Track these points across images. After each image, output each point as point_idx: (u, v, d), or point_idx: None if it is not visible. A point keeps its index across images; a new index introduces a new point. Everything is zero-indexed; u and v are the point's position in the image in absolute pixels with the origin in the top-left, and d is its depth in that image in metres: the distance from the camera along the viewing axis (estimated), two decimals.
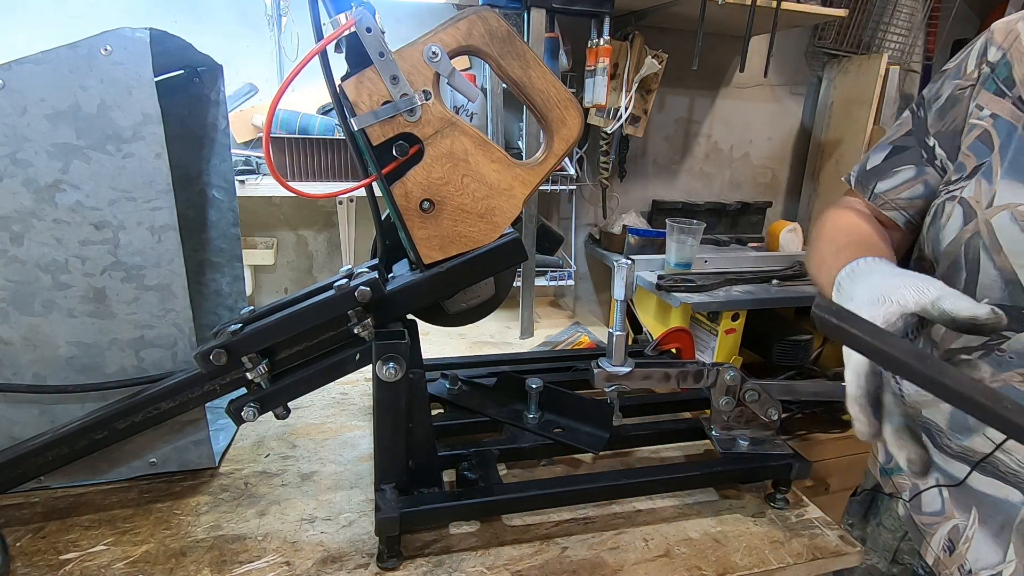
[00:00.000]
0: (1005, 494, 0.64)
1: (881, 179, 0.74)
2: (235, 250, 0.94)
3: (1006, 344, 0.61)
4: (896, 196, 0.73)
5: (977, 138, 0.64)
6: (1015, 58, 0.62)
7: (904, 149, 0.73)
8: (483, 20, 0.59)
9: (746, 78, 1.87)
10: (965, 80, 0.67)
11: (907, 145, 0.72)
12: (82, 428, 0.63)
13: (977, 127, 0.64)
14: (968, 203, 0.63)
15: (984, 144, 0.63)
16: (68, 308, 0.65)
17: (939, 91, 0.70)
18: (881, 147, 0.76)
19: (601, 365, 0.71)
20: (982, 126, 0.63)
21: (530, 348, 1.39)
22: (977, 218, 0.62)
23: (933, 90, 0.71)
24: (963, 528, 0.67)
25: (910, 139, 0.72)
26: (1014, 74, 0.61)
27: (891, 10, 1.90)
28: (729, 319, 1.34)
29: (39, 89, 0.59)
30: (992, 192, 0.61)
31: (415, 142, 0.60)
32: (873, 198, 0.74)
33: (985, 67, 0.65)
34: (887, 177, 0.73)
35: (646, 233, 1.65)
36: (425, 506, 0.61)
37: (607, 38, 1.38)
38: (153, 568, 0.59)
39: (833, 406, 1.43)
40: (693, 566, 0.62)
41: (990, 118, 0.63)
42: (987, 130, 0.63)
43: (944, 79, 0.70)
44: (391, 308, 0.64)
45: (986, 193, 0.61)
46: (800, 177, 2.08)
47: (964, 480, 0.67)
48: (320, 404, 0.94)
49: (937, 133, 0.69)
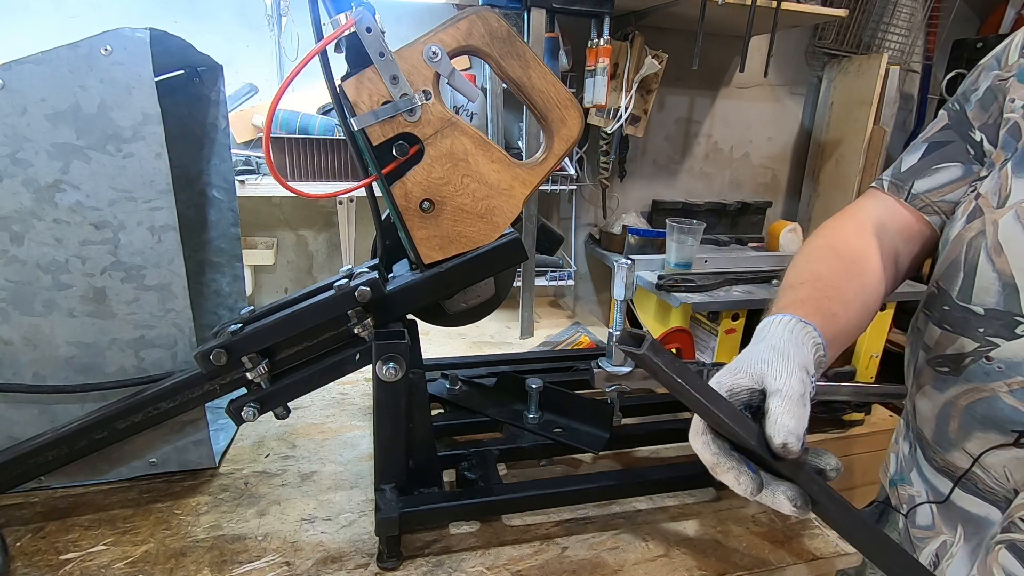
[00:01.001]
0: (986, 512, 0.62)
1: (920, 177, 0.66)
2: (235, 250, 0.94)
3: (994, 352, 0.58)
4: (939, 197, 0.65)
5: (1007, 131, 0.60)
6: None
7: (943, 144, 0.65)
8: (483, 20, 0.59)
9: (746, 78, 1.87)
10: (1006, 71, 0.61)
11: (947, 140, 0.65)
12: (82, 428, 0.63)
13: (1010, 121, 0.59)
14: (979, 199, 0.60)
15: (1012, 137, 0.59)
16: (68, 308, 0.65)
17: (977, 82, 0.64)
18: (916, 146, 0.68)
19: (601, 365, 0.71)
20: (1013, 120, 0.59)
21: (530, 348, 1.39)
22: (983, 216, 0.58)
23: (968, 83, 0.66)
24: (949, 545, 0.65)
25: (949, 133, 0.65)
26: None
27: (891, 10, 1.90)
28: (729, 319, 1.34)
29: (39, 89, 0.59)
30: (1006, 189, 0.57)
31: (415, 142, 0.60)
32: (911, 199, 0.67)
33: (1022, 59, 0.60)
34: (927, 175, 0.66)
35: (646, 233, 1.65)
36: (425, 506, 0.61)
37: (607, 38, 1.38)
38: (153, 568, 0.59)
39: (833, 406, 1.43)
40: (693, 566, 0.62)
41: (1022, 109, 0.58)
42: (1017, 122, 0.59)
43: (982, 71, 0.65)
44: (391, 308, 0.64)
45: (997, 191, 0.58)
46: (800, 177, 2.08)
47: (948, 497, 0.65)
48: (320, 404, 0.94)
49: (983, 126, 0.63)
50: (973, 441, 0.61)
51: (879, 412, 1.53)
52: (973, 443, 0.61)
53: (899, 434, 0.78)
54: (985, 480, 0.61)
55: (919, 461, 0.71)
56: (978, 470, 0.62)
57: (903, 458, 0.75)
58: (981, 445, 0.61)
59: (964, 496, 0.64)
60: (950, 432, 0.64)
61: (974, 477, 0.62)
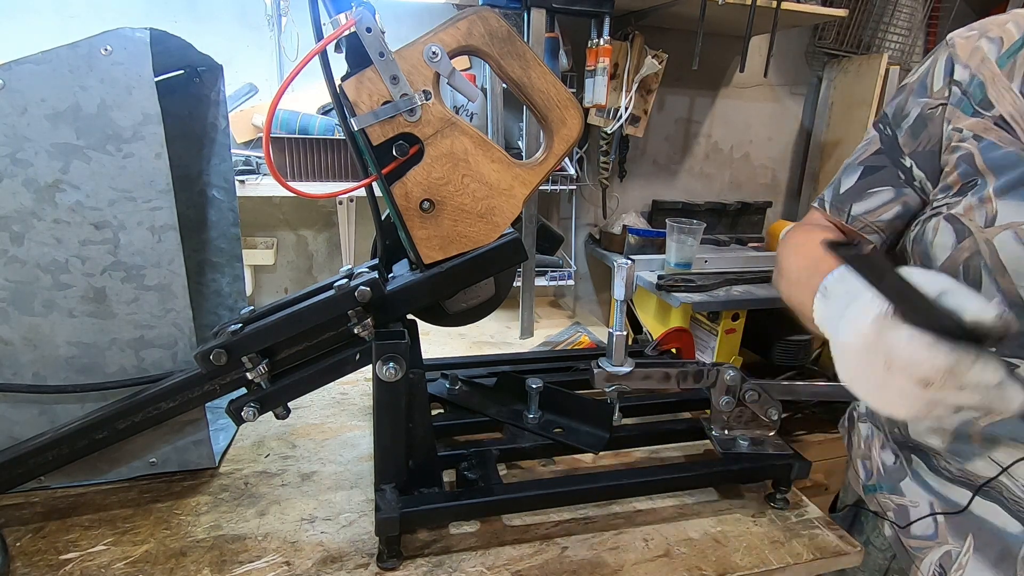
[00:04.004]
0: (1003, 522, 0.62)
1: (856, 201, 0.71)
2: (235, 250, 0.94)
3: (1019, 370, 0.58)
4: (875, 219, 0.70)
5: (960, 158, 0.62)
6: (988, 80, 0.60)
7: (877, 169, 0.70)
8: (483, 20, 0.59)
9: (746, 78, 1.87)
10: (934, 99, 0.65)
11: (880, 165, 0.70)
12: (82, 428, 0.63)
13: (961, 149, 0.62)
14: (960, 220, 0.61)
15: (968, 165, 0.61)
16: (68, 308, 0.65)
17: (906, 109, 0.68)
18: (852, 169, 0.73)
19: (601, 365, 0.71)
20: (965, 148, 0.61)
21: (530, 348, 1.39)
22: (973, 236, 0.60)
23: (897, 106, 0.69)
24: (956, 554, 0.65)
25: (882, 158, 0.70)
26: (989, 96, 0.60)
27: (891, 10, 1.90)
28: (729, 319, 1.34)
29: (39, 89, 0.59)
30: (991, 211, 0.59)
31: (415, 142, 0.60)
32: (851, 220, 0.72)
33: (955, 88, 0.62)
34: (863, 199, 0.71)
35: (646, 233, 1.65)
36: (425, 506, 0.61)
37: (607, 38, 1.39)
38: (153, 568, 0.59)
39: (833, 406, 1.43)
40: (693, 566, 0.62)
41: (973, 140, 0.61)
42: (971, 152, 0.61)
43: (908, 96, 0.68)
44: (391, 308, 0.64)
45: (980, 212, 0.59)
46: (800, 177, 2.08)
47: (968, 506, 0.64)
48: (320, 404, 0.94)
49: (913, 153, 0.67)
50: (1001, 450, 0.61)
51: None
52: (1002, 452, 0.61)
53: (870, 443, 0.78)
54: (1012, 488, 0.61)
55: (917, 472, 0.70)
56: (1004, 478, 0.61)
57: (884, 468, 0.75)
58: (1011, 454, 0.61)
59: (984, 504, 0.63)
60: (972, 443, 0.63)
61: (999, 485, 0.62)
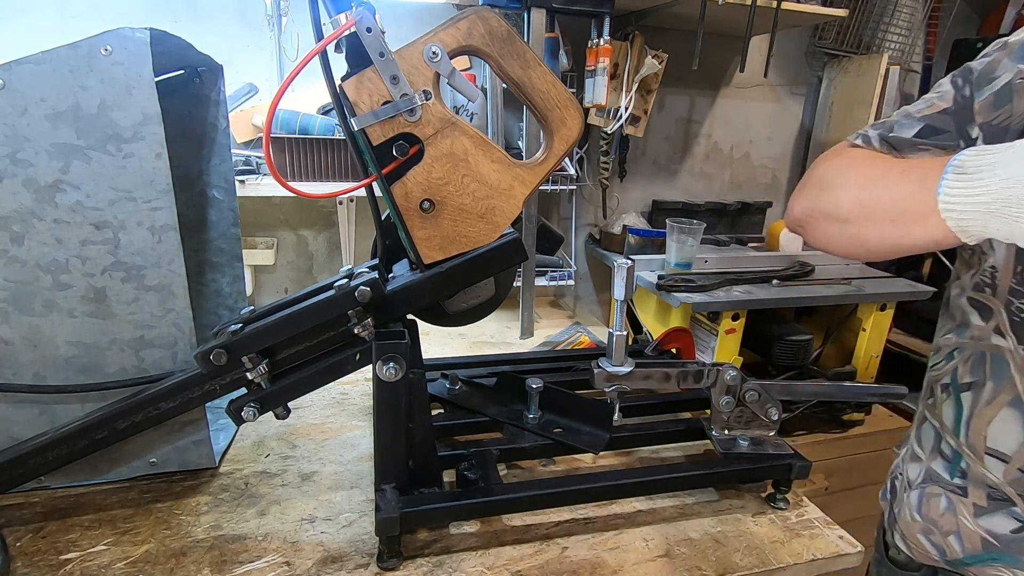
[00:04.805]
0: None
1: (905, 154, 0.62)
2: (235, 250, 0.94)
3: None
4: None
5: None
6: None
7: (938, 132, 0.60)
8: (483, 20, 0.59)
9: (746, 78, 1.87)
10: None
11: (943, 128, 0.60)
12: (82, 428, 0.63)
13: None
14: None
15: None
16: (68, 308, 0.65)
17: (996, 71, 0.56)
18: (911, 121, 0.63)
19: (601, 365, 0.71)
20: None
21: (530, 348, 1.39)
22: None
23: (987, 65, 0.57)
24: None
25: (947, 120, 0.60)
26: None
27: (891, 10, 1.90)
28: (729, 319, 1.34)
29: (39, 89, 0.59)
30: None
31: (415, 142, 0.60)
32: None
33: None
34: (913, 153, 0.62)
35: (646, 233, 1.65)
36: (425, 506, 0.61)
37: (607, 38, 1.38)
38: (153, 568, 0.59)
39: (833, 406, 1.43)
40: (693, 566, 0.62)
41: None
42: None
43: (1004, 54, 0.56)
44: (391, 308, 0.64)
45: None
46: (800, 177, 2.08)
47: None
48: (320, 404, 0.94)
49: (985, 124, 0.57)
50: None
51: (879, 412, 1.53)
52: None
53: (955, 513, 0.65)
54: None
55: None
56: None
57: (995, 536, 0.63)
58: None
59: None
60: None
61: None
